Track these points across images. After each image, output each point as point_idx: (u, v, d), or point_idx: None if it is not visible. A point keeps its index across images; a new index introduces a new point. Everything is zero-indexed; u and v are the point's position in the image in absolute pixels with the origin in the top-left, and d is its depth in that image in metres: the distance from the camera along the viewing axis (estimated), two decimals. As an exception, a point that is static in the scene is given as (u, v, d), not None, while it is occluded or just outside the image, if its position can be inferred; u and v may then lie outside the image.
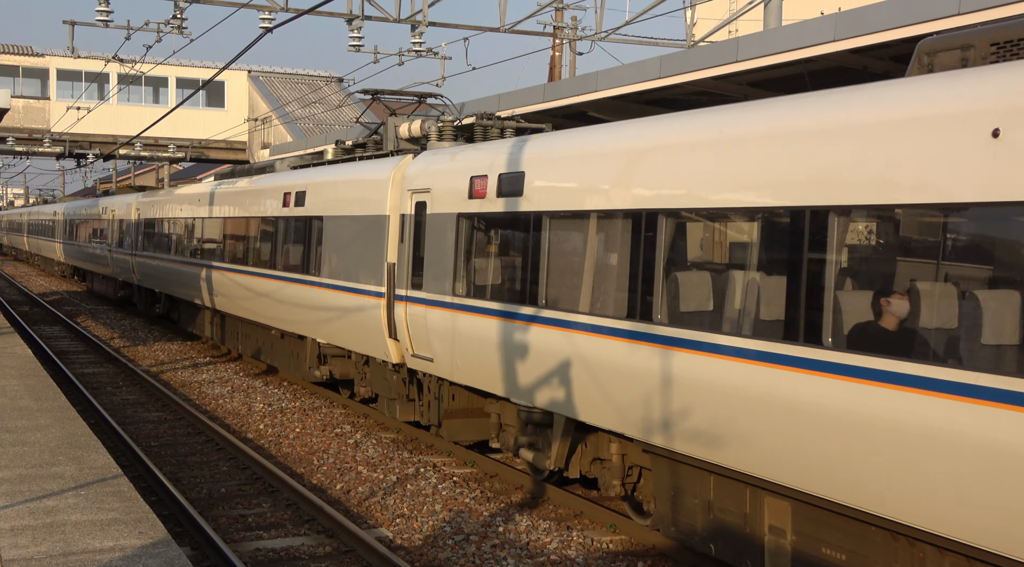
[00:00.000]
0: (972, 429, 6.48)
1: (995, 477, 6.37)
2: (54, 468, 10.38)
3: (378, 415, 16.95)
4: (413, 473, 13.48)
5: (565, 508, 12.10)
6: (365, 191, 15.42)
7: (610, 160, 10.13)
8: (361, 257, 15.30)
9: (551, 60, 29.23)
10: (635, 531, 11.00)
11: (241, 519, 11.59)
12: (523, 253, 11.55)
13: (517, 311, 11.48)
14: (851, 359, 7.31)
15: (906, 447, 6.89)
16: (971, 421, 6.49)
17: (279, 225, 18.96)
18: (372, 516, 11.72)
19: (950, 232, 6.83)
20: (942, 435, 6.67)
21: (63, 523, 8.51)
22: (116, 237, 34.38)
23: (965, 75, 6.96)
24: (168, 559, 7.66)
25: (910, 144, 6.98)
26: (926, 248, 7.08)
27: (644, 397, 9.49)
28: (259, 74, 47.19)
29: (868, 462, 7.18)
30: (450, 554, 10.36)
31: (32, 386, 15.31)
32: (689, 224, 9.23)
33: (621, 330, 9.76)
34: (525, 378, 11.37)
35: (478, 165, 12.63)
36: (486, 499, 12.33)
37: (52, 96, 43.74)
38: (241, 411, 17.93)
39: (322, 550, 10.49)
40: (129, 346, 26.58)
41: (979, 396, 6.50)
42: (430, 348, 13.38)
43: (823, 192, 7.57)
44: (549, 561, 10.22)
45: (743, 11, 19.09)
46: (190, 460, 14.36)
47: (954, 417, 6.60)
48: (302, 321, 17.70)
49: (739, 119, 8.64)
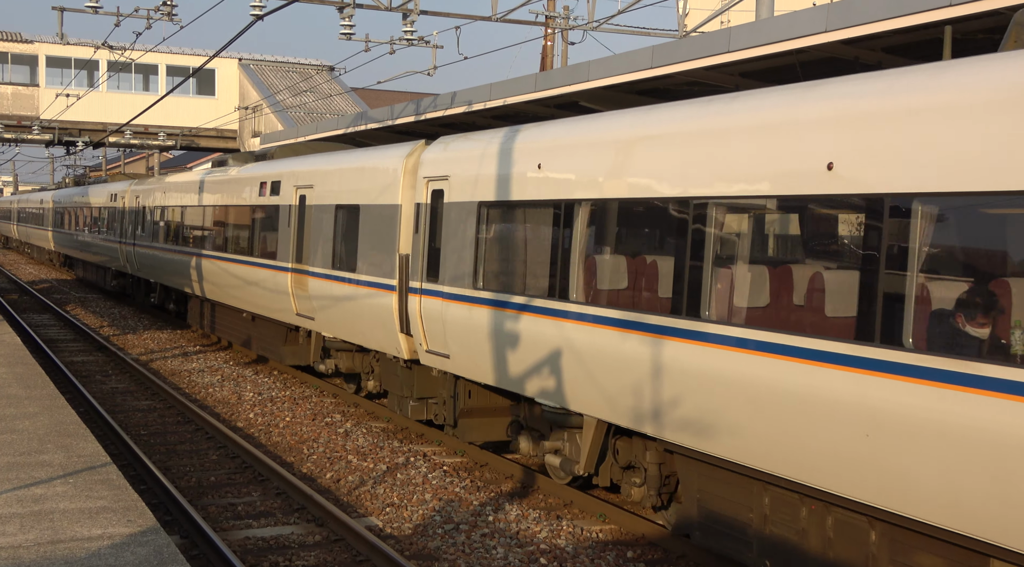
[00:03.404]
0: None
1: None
2: (43, 456, 10.35)
3: (371, 405, 16.94)
4: (403, 462, 13.48)
5: (555, 497, 12.11)
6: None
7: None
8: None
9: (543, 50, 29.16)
10: (625, 521, 11.02)
11: (230, 508, 11.57)
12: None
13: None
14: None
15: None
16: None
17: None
18: (362, 505, 11.72)
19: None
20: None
21: (51, 511, 8.49)
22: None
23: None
24: (157, 547, 7.64)
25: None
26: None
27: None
28: (250, 62, 47.02)
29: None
30: (440, 543, 10.36)
31: (21, 374, 15.25)
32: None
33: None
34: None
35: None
36: (476, 488, 12.34)
37: (41, 83, 43.52)
38: (231, 400, 17.90)
39: (311, 539, 10.48)
40: (119, 334, 26.51)
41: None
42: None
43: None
44: (539, 550, 10.23)
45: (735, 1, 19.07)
46: (179, 449, 14.34)
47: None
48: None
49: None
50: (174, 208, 26.07)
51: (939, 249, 6.98)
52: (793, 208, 8.34)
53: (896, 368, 7.05)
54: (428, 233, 13.36)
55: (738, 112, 8.78)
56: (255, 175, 20.39)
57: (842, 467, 7.49)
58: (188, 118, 44.33)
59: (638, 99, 13.50)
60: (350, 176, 15.93)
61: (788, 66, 11.88)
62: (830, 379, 7.55)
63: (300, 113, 43.42)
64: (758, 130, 8.46)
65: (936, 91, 7.08)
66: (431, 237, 13.32)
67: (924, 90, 7.17)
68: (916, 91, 7.22)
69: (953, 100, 6.92)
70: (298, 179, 17.98)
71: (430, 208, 13.32)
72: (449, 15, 20.79)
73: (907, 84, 7.37)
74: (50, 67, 43.81)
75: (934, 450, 6.75)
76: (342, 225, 15.94)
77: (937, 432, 6.72)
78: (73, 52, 43.58)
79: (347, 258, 15.64)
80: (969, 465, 6.56)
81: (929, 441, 6.78)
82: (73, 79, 43.02)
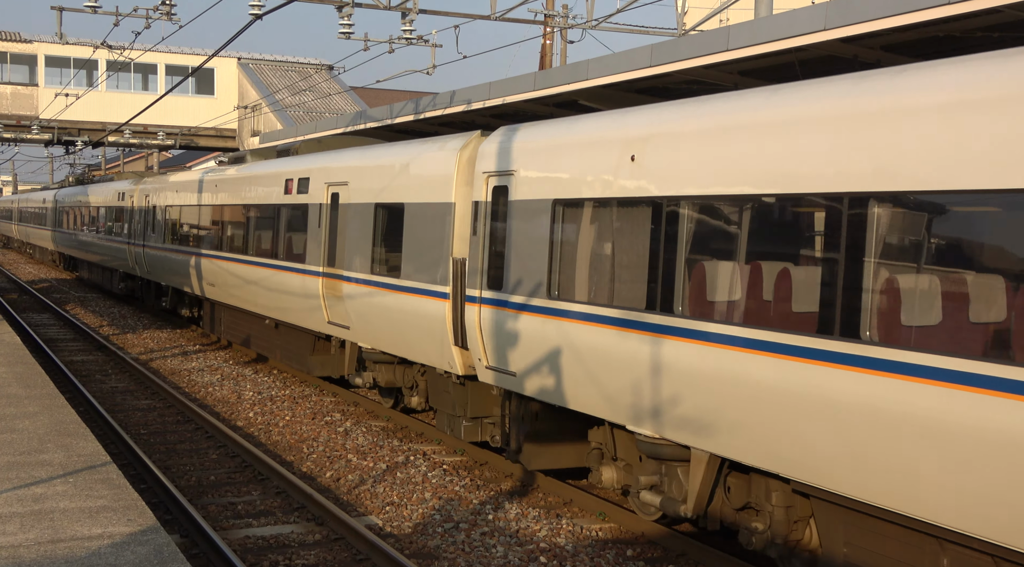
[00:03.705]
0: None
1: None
2: (43, 455, 10.35)
3: (371, 404, 16.93)
4: (403, 461, 13.48)
5: (555, 496, 12.11)
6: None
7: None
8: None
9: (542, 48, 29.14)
10: (624, 519, 11.02)
11: (230, 507, 11.58)
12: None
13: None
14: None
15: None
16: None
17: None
18: (362, 504, 11.73)
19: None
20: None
21: (52, 510, 8.49)
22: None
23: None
24: (157, 546, 7.65)
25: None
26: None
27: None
28: (249, 61, 47.00)
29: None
30: (440, 542, 10.37)
31: (20, 374, 15.25)
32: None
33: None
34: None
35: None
36: (476, 487, 12.34)
37: (40, 82, 43.50)
38: (231, 399, 17.90)
39: (311, 538, 10.49)
40: (118, 334, 26.50)
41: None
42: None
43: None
44: (539, 548, 10.24)
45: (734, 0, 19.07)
46: (179, 448, 14.34)
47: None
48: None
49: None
50: (188, 207, 24.75)
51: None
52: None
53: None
54: (488, 235, 11.93)
55: (919, 89, 7.16)
56: (278, 172, 18.86)
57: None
58: (187, 117, 44.32)
59: (637, 98, 13.48)
60: (392, 172, 14.42)
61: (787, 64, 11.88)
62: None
63: (299, 112, 43.41)
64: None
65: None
66: (492, 239, 11.91)
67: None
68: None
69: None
70: (329, 176, 16.46)
71: (491, 206, 11.91)
72: (448, 14, 20.79)
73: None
74: (49, 67, 43.80)
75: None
76: (382, 225, 14.55)
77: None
78: (72, 52, 43.56)
79: (390, 262, 14.30)
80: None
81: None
82: (72, 79, 43.01)
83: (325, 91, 45.23)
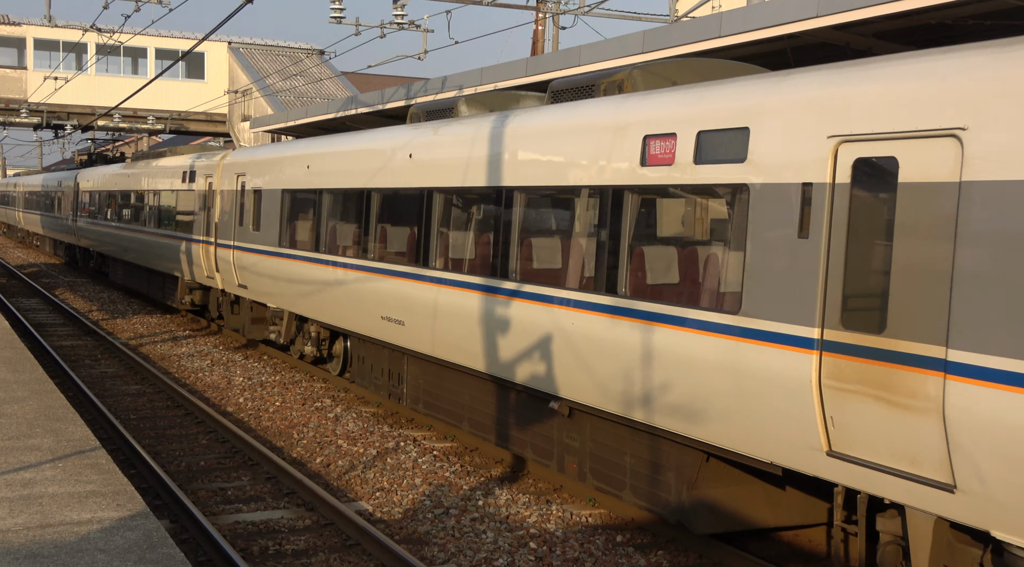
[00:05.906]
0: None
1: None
2: (31, 440, 10.32)
3: (361, 390, 16.92)
4: (393, 447, 13.48)
5: (545, 482, 12.13)
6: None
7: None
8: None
9: (534, 34, 29.06)
10: (614, 505, 11.04)
11: (220, 492, 11.57)
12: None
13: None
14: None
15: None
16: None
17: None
18: (352, 490, 11.73)
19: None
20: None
21: (40, 495, 8.47)
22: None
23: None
24: (147, 531, 7.63)
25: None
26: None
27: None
28: (239, 45, 46.79)
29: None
30: (430, 527, 10.38)
31: (9, 358, 15.20)
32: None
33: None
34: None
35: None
36: (466, 473, 12.35)
37: (29, 66, 43.26)
38: (221, 384, 17.88)
39: (301, 523, 10.49)
40: (108, 319, 26.44)
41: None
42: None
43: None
44: (528, 534, 10.26)
45: (727, -14, 19.02)
46: (169, 433, 14.32)
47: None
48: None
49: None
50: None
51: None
52: None
53: None
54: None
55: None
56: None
57: None
58: (177, 102, 44.14)
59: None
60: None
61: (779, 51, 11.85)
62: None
63: (290, 97, 43.25)
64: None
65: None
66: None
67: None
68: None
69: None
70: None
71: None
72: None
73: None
74: (38, 50, 43.55)
75: None
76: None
77: None
78: (61, 35, 43.32)
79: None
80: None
81: None
82: (61, 62, 42.78)
83: (316, 76, 45.06)
